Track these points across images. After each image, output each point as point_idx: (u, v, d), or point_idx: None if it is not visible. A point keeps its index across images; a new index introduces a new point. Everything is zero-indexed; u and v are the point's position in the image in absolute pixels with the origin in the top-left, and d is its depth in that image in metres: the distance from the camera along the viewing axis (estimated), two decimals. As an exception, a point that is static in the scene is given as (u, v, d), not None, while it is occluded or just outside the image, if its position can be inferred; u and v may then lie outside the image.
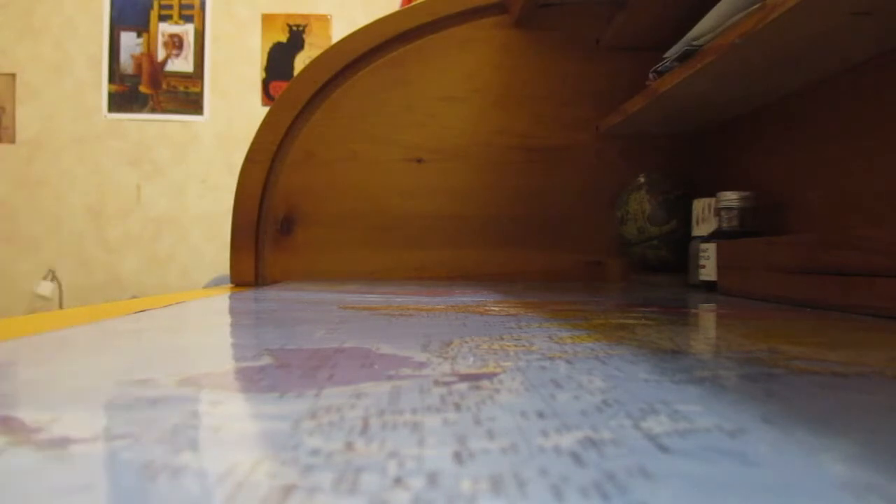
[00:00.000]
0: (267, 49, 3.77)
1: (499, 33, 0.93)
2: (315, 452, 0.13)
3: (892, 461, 0.13)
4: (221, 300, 0.55)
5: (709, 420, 0.16)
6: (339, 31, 3.66)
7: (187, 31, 3.76)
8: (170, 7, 3.72)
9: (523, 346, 0.28)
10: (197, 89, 3.26)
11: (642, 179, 0.86)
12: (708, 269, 0.73)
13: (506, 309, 0.45)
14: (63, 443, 0.13)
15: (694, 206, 0.81)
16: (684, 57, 0.67)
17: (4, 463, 0.12)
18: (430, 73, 0.91)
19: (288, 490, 0.11)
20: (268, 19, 3.75)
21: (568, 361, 0.24)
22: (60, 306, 3.54)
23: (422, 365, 0.23)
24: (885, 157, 0.59)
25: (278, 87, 3.25)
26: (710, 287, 0.73)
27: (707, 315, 0.45)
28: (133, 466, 0.12)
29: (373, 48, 0.91)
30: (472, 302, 0.51)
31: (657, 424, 0.16)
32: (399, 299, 0.53)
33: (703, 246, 0.75)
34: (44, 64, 3.16)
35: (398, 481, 0.12)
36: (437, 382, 0.20)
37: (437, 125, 0.93)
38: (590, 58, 0.93)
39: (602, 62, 0.93)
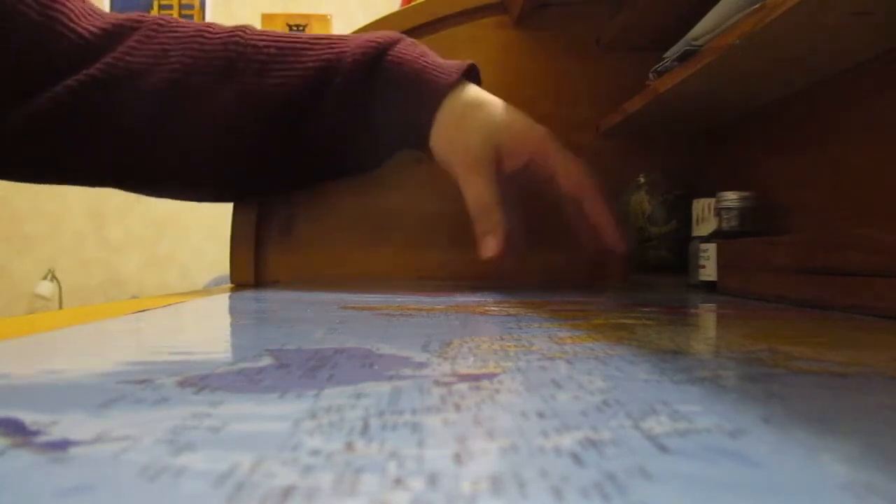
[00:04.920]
0: (267, 49, 3.76)
1: (499, 33, 0.93)
2: (315, 453, 0.13)
3: (892, 461, 0.13)
4: (221, 300, 0.55)
5: (709, 420, 0.16)
6: (338, 31, 3.65)
7: (187, 31, 3.75)
8: (170, 7, 3.72)
9: (523, 346, 0.28)
10: (197, 89, 3.25)
11: (642, 179, 0.86)
12: (708, 269, 0.73)
13: (506, 309, 0.45)
14: (63, 445, 0.13)
15: (694, 206, 0.81)
16: (684, 57, 0.67)
17: (4, 466, 0.12)
18: (430, 73, 0.91)
19: (288, 490, 0.11)
20: (268, 19, 3.74)
21: (568, 361, 0.24)
22: (60, 306, 3.54)
23: (422, 365, 0.23)
24: (886, 156, 0.59)
25: (278, 87, 3.23)
26: (710, 287, 0.73)
27: (707, 315, 0.45)
28: (133, 468, 0.12)
29: (373, 48, 0.91)
30: (472, 302, 0.51)
31: (657, 424, 0.16)
32: (399, 299, 0.53)
33: (703, 246, 0.75)
34: (44, 64, 3.15)
35: (398, 482, 0.12)
36: (437, 382, 0.20)
37: (437, 125, 0.92)
38: (590, 58, 0.93)
39: (602, 62, 0.93)
